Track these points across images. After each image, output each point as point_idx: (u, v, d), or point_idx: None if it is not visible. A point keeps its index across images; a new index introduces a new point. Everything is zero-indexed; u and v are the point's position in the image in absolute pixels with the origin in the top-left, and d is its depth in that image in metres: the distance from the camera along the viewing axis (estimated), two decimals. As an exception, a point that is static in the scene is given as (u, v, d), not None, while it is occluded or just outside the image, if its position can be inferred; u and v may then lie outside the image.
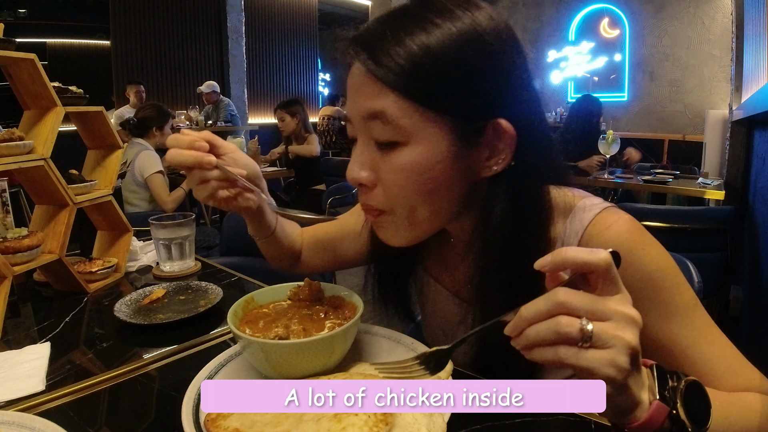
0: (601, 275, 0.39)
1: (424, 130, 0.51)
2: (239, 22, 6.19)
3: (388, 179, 0.53)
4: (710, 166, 3.57)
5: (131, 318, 0.82)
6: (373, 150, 0.54)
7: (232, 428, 0.47)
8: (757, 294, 1.88)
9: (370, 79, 0.51)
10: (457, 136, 0.51)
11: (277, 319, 0.63)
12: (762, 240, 1.88)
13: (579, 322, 0.37)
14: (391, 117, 0.50)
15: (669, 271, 0.55)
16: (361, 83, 0.52)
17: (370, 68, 0.51)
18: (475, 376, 0.63)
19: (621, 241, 0.54)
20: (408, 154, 0.51)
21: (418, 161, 0.51)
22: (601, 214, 0.57)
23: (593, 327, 0.37)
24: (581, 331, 0.37)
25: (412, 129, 0.51)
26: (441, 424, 0.47)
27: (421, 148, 0.51)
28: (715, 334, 0.55)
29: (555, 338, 0.38)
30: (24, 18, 6.21)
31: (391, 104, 0.50)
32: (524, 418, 0.54)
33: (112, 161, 1.14)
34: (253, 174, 0.66)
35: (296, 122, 3.52)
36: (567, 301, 0.38)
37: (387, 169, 0.53)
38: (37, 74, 0.92)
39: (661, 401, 0.42)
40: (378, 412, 0.46)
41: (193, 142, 0.58)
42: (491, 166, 0.54)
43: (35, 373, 0.66)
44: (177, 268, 1.10)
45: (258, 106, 6.86)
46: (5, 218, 1.04)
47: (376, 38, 0.51)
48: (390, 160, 0.52)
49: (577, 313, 0.38)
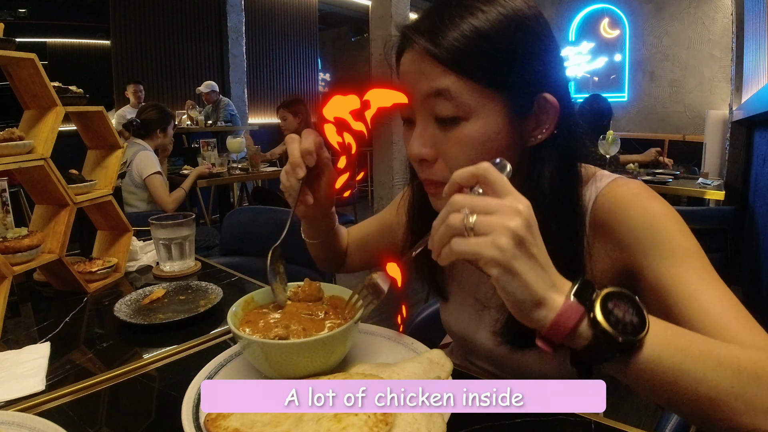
0: (484, 181, 0.44)
1: (483, 106, 0.56)
2: (239, 22, 6.19)
3: (451, 152, 0.58)
4: (710, 166, 3.57)
5: (131, 318, 0.82)
6: (433, 127, 0.59)
7: (232, 428, 0.47)
8: (757, 294, 1.88)
9: (431, 62, 0.56)
10: (511, 109, 0.57)
11: (277, 319, 0.63)
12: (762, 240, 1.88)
13: (462, 213, 0.43)
14: (455, 94, 0.55)
15: (673, 216, 0.59)
16: (422, 66, 0.57)
17: (431, 51, 0.55)
18: (475, 376, 0.63)
19: (629, 195, 0.60)
20: (470, 128, 0.57)
21: (479, 133, 0.57)
22: (616, 179, 0.64)
23: (476, 218, 0.42)
24: (464, 220, 0.42)
25: (473, 105, 0.56)
26: (441, 424, 0.47)
27: (482, 122, 0.56)
28: (714, 279, 0.54)
29: (447, 232, 0.43)
30: (24, 18, 6.20)
31: (454, 83, 0.55)
32: (524, 418, 0.54)
33: (112, 161, 1.14)
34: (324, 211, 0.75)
35: (298, 121, 3.49)
36: (457, 200, 0.44)
37: (450, 143, 0.58)
38: (37, 74, 0.92)
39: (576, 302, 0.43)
40: (378, 412, 0.46)
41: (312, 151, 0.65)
42: (536, 135, 0.60)
43: (35, 373, 0.66)
44: (177, 268, 1.10)
45: (258, 106, 6.86)
46: (5, 218, 1.04)
47: (433, 25, 0.56)
48: (452, 134, 0.57)
49: (463, 208, 0.43)
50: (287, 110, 3.51)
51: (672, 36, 5.56)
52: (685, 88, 5.55)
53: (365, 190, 6.25)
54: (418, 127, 0.60)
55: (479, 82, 0.55)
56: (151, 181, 2.60)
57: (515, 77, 0.56)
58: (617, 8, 5.92)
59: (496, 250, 0.41)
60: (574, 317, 0.42)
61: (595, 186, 0.64)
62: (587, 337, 0.43)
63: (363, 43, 8.88)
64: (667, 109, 5.60)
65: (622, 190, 0.61)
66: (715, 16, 5.25)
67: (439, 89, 0.56)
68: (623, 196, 0.61)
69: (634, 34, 5.85)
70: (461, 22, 0.55)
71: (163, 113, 2.79)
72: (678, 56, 5.55)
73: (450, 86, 0.55)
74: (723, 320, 0.50)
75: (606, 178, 0.64)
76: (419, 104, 0.59)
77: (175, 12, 5.86)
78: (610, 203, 0.61)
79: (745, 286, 2.24)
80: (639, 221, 0.58)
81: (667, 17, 5.57)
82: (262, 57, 6.94)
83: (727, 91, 4.72)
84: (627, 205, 0.60)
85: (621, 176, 0.65)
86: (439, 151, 0.59)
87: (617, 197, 0.61)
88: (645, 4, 5.70)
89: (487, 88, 0.56)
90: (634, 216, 0.59)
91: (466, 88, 0.55)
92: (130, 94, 4.86)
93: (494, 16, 0.55)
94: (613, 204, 0.61)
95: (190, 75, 6.01)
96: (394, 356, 0.64)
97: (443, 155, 0.59)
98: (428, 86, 0.56)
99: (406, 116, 0.63)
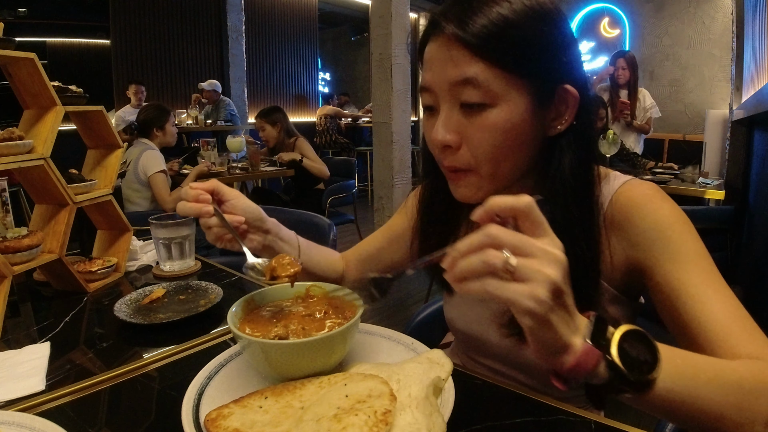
0: (525, 217, 0.42)
1: (509, 93, 0.58)
2: (239, 22, 6.19)
3: (477, 138, 0.59)
4: (710, 166, 3.57)
5: (131, 318, 0.82)
6: (458, 114, 0.60)
7: (232, 428, 0.47)
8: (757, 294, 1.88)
9: (459, 49, 0.57)
10: (534, 98, 0.59)
11: (277, 319, 0.63)
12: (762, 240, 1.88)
13: (504, 254, 0.40)
14: (483, 81, 0.57)
15: (684, 220, 0.61)
16: (451, 53, 0.58)
17: (460, 37, 0.57)
18: (475, 377, 0.63)
19: (643, 196, 0.63)
20: (496, 115, 0.58)
21: (504, 120, 0.58)
22: (630, 180, 0.66)
23: (517, 261, 0.40)
24: (505, 262, 0.40)
25: (499, 92, 0.57)
26: (441, 424, 0.47)
27: (507, 109, 0.58)
28: (723, 285, 0.57)
29: (482, 268, 0.40)
30: (24, 17, 6.20)
31: (482, 70, 0.57)
32: (524, 417, 0.54)
33: (112, 160, 1.14)
34: (253, 218, 0.72)
35: (277, 130, 3.42)
36: (497, 235, 0.41)
37: (475, 129, 0.59)
38: (36, 73, 0.92)
39: (594, 345, 0.43)
40: (378, 412, 0.46)
41: (197, 195, 0.68)
42: (556, 126, 0.62)
43: (35, 372, 0.66)
44: (177, 267, 1.10)
45: (258, 106, 6.81)
46: (5, 218, 1.04)
47: (462, 12, 0.58)
48: (478, 121, 0.59)
49: (504, 247, 0.41)
50: (265, 120, 3.42)
51: (672, 35, 5.56)
52: (685, 87, 5.55)
53: (365, 189, 6.25)
54: (443, 114, 0.61)
55: (506, 70, 0.57)
56: (155, 179, 2.64)
57: (540, 66, 0.58)
58: (617, 8, 5.92)
59: (535, 302, 0.39)
60: (593, 361, 0.42)
61: (609, 186, 0.65)
62: (603, 376, 0.43)
63: (363, 42, 8.88)
64: (667, 109, 5.59)
65: (637, 192, 0.64)
66: (715, 15, 5.25)
67: (468, 76, 0.57)
68: (638, 197, 0.63)
69: (634, 33, 5.85)
70: (489, 10, 0.57)
71: (158, 111, 2.81)
72: (678, 56, 5.55)
73: (478, 73, 0.57)
74: (728, 326, 0.53)
75: (620, 179, 0.66)
76: (445, 91, 0.60)
77: (175, 11, 5.86)
78: (626, 203, 0.63)
79: (745, 285, 2.24)
80: (652, 223, 0.61)
81: (667, 17, 5.57)
82: (262, 56, 6.94)
83: (727, 90, 4.72)
84: (641, 206, 0.62)
85: (634, 177, 0.67)
86: (464, 137, 0.60)
87: (632, 198, 0.63)
88: (645, 3, 5.70)
89: (513, 76, 0.57)
90: (647, 218, 0.61)
91: (493, 75, 0.57)
92: (132, 94, 4.85)
93: (520, 6, 0.57)
94: (628, 204, 0.63)
95: (190, 74, 6.01)
96: (394, 356, 0.64)
97: (467, 141, 0.60)
98: (456, 73, 0.58)
99: (428, 104, 0.64)
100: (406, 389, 0.53)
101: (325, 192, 3.45)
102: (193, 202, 0.67)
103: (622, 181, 0.66)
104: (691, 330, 0.55)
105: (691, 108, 5.50)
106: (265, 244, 0.74)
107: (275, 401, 0.51)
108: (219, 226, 0.68)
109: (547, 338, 0.41)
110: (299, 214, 1.65)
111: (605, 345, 0.43)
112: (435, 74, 0.61)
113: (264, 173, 3.43)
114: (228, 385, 0.58)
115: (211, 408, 0.51)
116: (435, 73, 0.61)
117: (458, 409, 0.51)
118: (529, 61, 0.57)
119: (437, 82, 0.60)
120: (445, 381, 0.55)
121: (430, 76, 0.62)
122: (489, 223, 0.43)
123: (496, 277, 0.40)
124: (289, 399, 0.52)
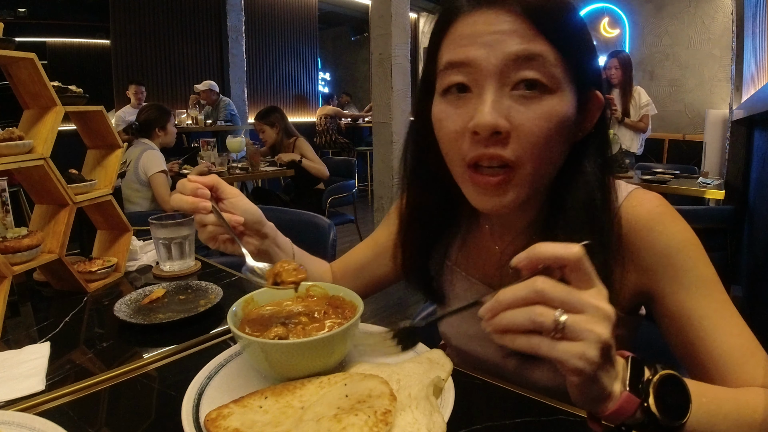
0: (574, 269, 0.40)
1: (565, 85, 0.54)
2: (239, 22, 6.18)
3: (531, 126, 0.53)
4: (710, 165, 3.57)
5: (131, 318, 0.82)
6: (509, 97, 0.53)
7: (232, 428, 0.47)
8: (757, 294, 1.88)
9: (523, 22, 0.52)
10: (577, 97, 0.56)
11: (277, 319, 0.63)
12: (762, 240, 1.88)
13: (554, 313, 0.38)
14: (546, 62, 0.52)
15: (695, 243, 0.59)
16: (510, 26, 0.52)
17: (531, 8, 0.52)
18: (475, 377, 0.63)
19: (653, 213, 0.60)
20: (554, 103, 0.53)
21: (561, 111, 0.53)
22: (634, 192, 0.63)
23: (567, 318, 0.38)
24: (555, 321, 0.38)
25: (560, 79, 0.53)
26: (441, 424, 0.47)
27: (564, 100, 0.54)
28: (734, 314, 0.56)
29: (529, 326, 0.39)
30: (24, 17, 6.20)
31: (547, 50, 0.52)
32: (524, 417, 0.54)
33: (112, 161, 1.14)
34: (252, 220, 0.69)
35: (276, 131, 3.42)
36: (545, 290, 0.39)
37: (529, 116, 0.53)
38: (36, 74, 0.92)
39: (632, 392, 0.42)
40: (378, 412, 0.46)
41: (196, 189, 0.64)
42: (578, 132, 0.58)
43: (35, 372, 0.66)
44: (177, 267, 1.10)
45: (258, 106, 6.79)
46: (5, 218, 1.04)
47: None
48: (534, 107, 0.53)
49: (552, 303, 0.39)
50: (263, 122, 3.42)
51: (672, 35, 5.56)
52: (685, 87, 5.55)
53: (365, 189, 6.25)
54: (491, 95, 0.53)
55: (566, 57, 0.53)
56: (155, 179, 2.65)
57: (587, 64, 0.56)
58: (617, 7, 5.92)
59: (586, 362, 0.38)
60: (632, 408, 0.42)
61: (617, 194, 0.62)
62: (638, 420, 0.43)
63: (363, 42, 8.87)
64: (667, 109, 5.60)
65: (645, 209, 0.60)
66: (715, 15, 5.25)
67: (533, 53, 0.52)
68: (645, 216, 0.59)
69: (633, 33, 5.85)
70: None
71: (159, 111, 2.82)
72: (678, 55, 5.55)
73: (543, 51, 0.52)
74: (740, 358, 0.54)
75: (623, 190, 0.63)
76: (498, 68, 0.52)
77: (174, 11, 5.86)
78: (634, 223, 0.60)
79: (745, 285, 2.24)
80: (662, 248, 0.58)
81: (666, 16, 5.57)
82: (262, 56, 6.94)
83: (727, 90, 4.72)
84: (650, 228, 0.59)
85: (637, 187, 0.64)
86: (514, 124, 0.53)
87: (640, 217, 0.59)
88: (645, 3, 5.70)
89: (569, 67, 0.54)
90: (657, 242, 0.58)
91: (555, 57, 0.52)
92: (132, 94, 4.86)
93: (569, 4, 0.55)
94: (636, 224, 0.59)
95: (190, 74, 6.02)
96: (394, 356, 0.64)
97: (518, 129, 0.53)
98: (520, 47, 0.52)
99: (459, 81, 0.55)
100: (406, 389, 0.53)
101: (325, 192, 3.45)
102: (191, 196, 0.64)
103: (625, 193, 0.62)
104: (700, 359, 0.55)
105: (691, 108, 5.50)
106: (261, 249, 0.71)
107: (275, 401, 0.51)
108: (215, 224, 0.65)
109: (591, 391, 0.41)
110: (299, 214, 1.65)
111: (643, 391, 0.43)
112: (484, 48, 0.53)
113: (264, 173, 3.43)
114: (228, 385, 0.58)
115: (211, 408, 0.51)
116: (484, 46, 0.53)
117: (458, 409, 0.51)
118: (583, 53, 0.55)
119: (485, 57, 0.52)
120: (445, 381, 0.55)
121: (473, 51, 0.53)
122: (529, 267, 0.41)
123: (544, 335, 0.39)
124: (289, 399, 0.52)
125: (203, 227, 0.65)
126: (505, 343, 0.40)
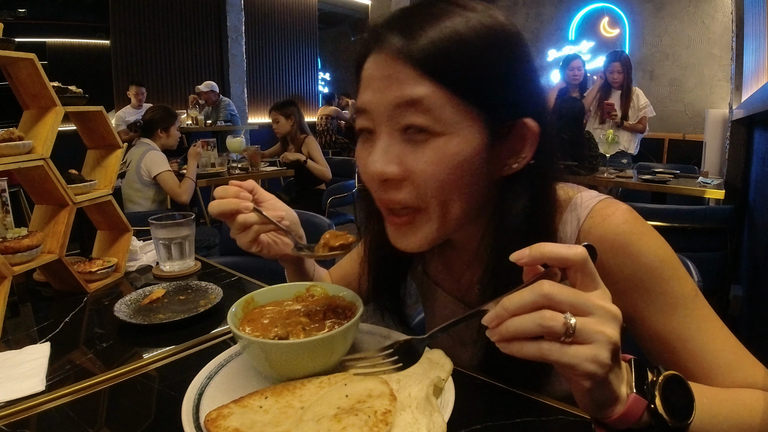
0: (579, 270, 0.39)
1: (461, 122, 0.50)
2: (239, 22, 6.19)
3: (424, 172, 0.51)
4: (710, 165, 3.57)
5: (131, 318, 0.82)
6: (400, 143, 0.52)
7: (232, 428, 0.47)
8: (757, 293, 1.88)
9: (404, 66, 0.50)
10: (489, 132, 0.52)
11: (277, 319, 0.63)
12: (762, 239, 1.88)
13: (563, 317, 0.37)
14: (430, 105, 0.49)
15: (668, 261, 0.55)
16: (394, 69, 0.50)
17: (405, 51, 0.49)
18: (475, 377, 0.63)
19: (618, 233, 0.55)
20: (445, 145, 0.50)
21: (453, 153, 0.50)
22: (597, 206, 0.57)
23: (576, 322, 0.37)
24: (565, 325, 0.37)
25: (449, 120, 0.50)
26: (441, 424, 0.47)
27: (457, 141, 0.50)
28: (716, 327, 0.55)
29: (538, 331, 0.38)
30: (24, 18, 6.20)
31: (430, 92, 0.49)
32: (524, 417, 0.54)
33: (112, 161, 1.14)
34: (291, 220, 0.70)
35: (291, 123, 3.45)
36: (552, 293, 0.38)
37: (422, 161, 0.51)
38: (36, 74, 0.92)
39: (638, 395, 0.42)
40: (378, 412, 0.46)
41: (238, 192, 0.64)
42: (511, 164, 0.54)
43: (35, 373, 0.66)
44: (177, 267, 1.10)
45: (258, 106, 6.86)
46: (5, 218, 1.04)
47: (409, 24, 0.51)
48: (425, 151, 0.51)
49: (560, 306, 0.38)
50: (279, 113, 3.46)
51: (672, 35, 5.56)
52: (685, 87, 5.56)
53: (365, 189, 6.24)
54: (382, 141, 0.52)
55: (457, 95, 0.49)
56: (163, 178, 2.68)
57: (497, 95, 0.51)
58: (617, 7, 5.92)
59: (598, 365, 0.37)
60: (639, 411, 0.42)
61: (575, 214, 0.58)
62: (645, 423, 0.43)
63: (363, 42, 8.86)
64: (667, 108, 5.60)
65: (611, 228, 0.55)
66: (715, 14, 5.25)
67: (413, 98, 0.49)
68: (612, 237, 0.55)
69: (633, 33, 5.86)
70: (441, 24, 0.49)
71: (165, 113, 2.84)
72: (678, 55, 5.55)
73: (425, 95, 0.49)
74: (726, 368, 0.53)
75: (587, 202, 0.58)
76: (386, 114, 0.51)
77: (174, 12, 5.86)
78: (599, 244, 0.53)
79: (745, 285, 2.24)
80: (634, 271, 0.54)
81: (666, 16, 5.57)
82: (262, 57, 6.94)
83: (726, 89, 4.72)
84: (617, 251, 0.54)
85: (603, 199, 0.59)
86: (407, 170, 0.51)
87: (605, 238, 0.55)
88: (645, 3, 5.70)
89: (465, 104, 0.50)
90: (626, 266, 0.54)
91: (442, 99, 0.49)
92: (132, 95, 4.87)
93: (477, 24, 0.50)
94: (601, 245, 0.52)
95: (190, 75, 6.02)
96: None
97: (411, 175, 0.51)
98: (400, 93, 0.50)
99: (363, 127, 0.55)
100: (406, 389, 0.53)
101: (325, 192, 3.45)
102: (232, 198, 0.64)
103: (587, 207, 0.57)
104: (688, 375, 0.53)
105: (691, 107, 5.51)
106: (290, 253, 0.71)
107: (275, 401, 0.51)
108: (260, 223, 0.64)
109: (600, 395, 0.41)
110: (299, 213, 1.64)
111: (649, 392, 0.43)
112: (374, 94, 0.52)
113: (264, 173, 3.43)
114: (228, 385, 0.58)
115: (211, 408, 0.51)
116: (374, 92, 0.52)
117: (458, 409, 0.51)
118: (485, 87, 0.50)
119: (377, 103, 0.52)
120: (445, 381, 0.55)
121: (368, 96, 0.53)
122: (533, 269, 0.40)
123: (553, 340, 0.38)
124: (289, 399, 0.52)
125: (246, 230, 0.64)
126: (512, 352, 0.39)
